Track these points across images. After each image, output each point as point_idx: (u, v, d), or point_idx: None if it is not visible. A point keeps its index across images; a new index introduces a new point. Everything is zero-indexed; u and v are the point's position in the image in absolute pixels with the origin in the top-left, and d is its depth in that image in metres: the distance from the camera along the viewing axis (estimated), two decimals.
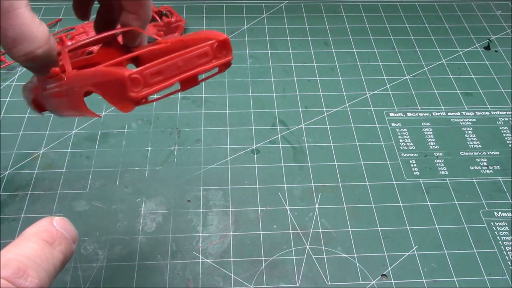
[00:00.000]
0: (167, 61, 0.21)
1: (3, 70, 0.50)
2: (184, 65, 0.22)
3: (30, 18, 0.21)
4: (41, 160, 0.43)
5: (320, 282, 0.36)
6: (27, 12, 0.21)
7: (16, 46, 0.21)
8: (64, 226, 0.21)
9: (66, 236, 0.21)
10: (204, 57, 0.22)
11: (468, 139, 0.46)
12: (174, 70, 0.22)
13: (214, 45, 0.23)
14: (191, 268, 0.37)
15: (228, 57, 0.23)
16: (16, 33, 0.21)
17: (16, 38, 0.21)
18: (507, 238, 0.39)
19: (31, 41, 0.21)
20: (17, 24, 0.21)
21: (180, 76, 0.22)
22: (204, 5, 0.59)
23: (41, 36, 0.22)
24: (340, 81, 0.51)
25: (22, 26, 0.21)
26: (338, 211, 0.40)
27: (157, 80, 0.21)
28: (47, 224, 0.21)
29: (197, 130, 0.46)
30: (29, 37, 0.21)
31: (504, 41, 0.57)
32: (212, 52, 0.23)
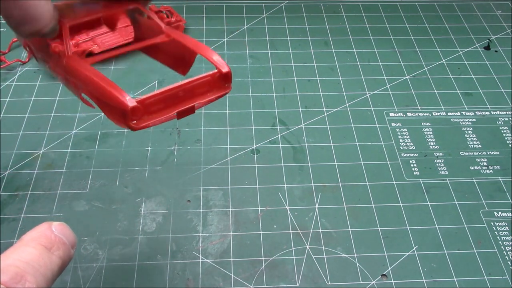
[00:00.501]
0: (168, 91, 0.22)
1: (3, 70, 0.50)
2: (184, 95, 0.22)
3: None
4: (41, 160, 0.43)
5: (320, 282, 0.36)
6: None
7: (22, 25, 0.21)
8: (62, 231, 0.21)
9: (65, 241, 0.21)
10: (203, 87, 0.23)
11: (468, 139, 0.46)
12: (174, 100, 0.22)
13: (215, 75, 0.23)
14: (191, 268, 0.37)
15: (227, 90, 0.23)
16: (22, 13, 0.20)
17: (22, 18, 0.21)
18: (507, 238, 0.39)
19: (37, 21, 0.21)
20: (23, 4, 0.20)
21: (178, 106, 0.22)
22: (204, 5, 0.59)
23: (46, 14, 0.21)
24: (340, 81, 0.51)
25: (28, 7, 0.20)
26: (338, 211, 0.40)
27: (156, 108, 0.22)
28: (45, 229, 0.21)
29: (197, 130, 0.46)
30: (34, 17, 0.21)
31: (504, 41, 0.57)
32: (212, 82, 0.23)
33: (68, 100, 0.48)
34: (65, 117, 0.46)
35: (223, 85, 0.23)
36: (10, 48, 0.52)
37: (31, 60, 0.51)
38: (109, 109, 0.22)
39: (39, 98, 0.48)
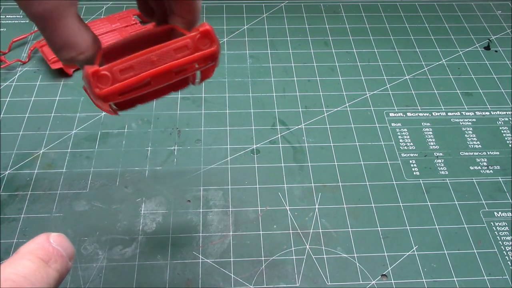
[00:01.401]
0: (140, 55, 0.20)
1: (3, 70, 0.50)
2: (158, 60, 0.20)
3: (75, 27, 0.22)
4: (41, 160, 0.43)
5: (320, 282, 0.36)
6: (73, 22, 0.22)
7: (61, 51, 0.22)
8: (61, 243, 0.21)
9: (63, 254, 0.21)
10: (183, 51, 0.21)
11: (468, 139, 0.46)
12: (146, 65, 0.20)
13: (196, 37, 0.21)
14: (191, 268, 0.37)
15: (211, 48, 0.21)
16: (61, 41, 0.22)
17: (62, 45, 0.22)
18: (507, 238, 0.39)
19: (74, 49, 0.22)
20: (64, 34, 0.22)
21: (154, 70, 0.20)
22: (204, 5, 0.59)
23: (83, 44, 0.22)
24: (340, 81, 0.51)
25: (68, 36, 0.22)
26: (338, 211, 0.40)
27: (127, 75, 0.20)
28: (43, 241, 0.20)
29: (197, 130, 0.46)
30: (72, 45, 0.22)
31: (504, 41, 0.57)
32: (193, 44, 0.21)
33: (68, 100, 0.48)
34: (65, 117, 0.46)
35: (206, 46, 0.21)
36: (10, 48, 0.52)
37: (31, 60, 0.51)
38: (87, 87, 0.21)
39: (39, 98, 0.48)
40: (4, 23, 0.55)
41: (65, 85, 0.49)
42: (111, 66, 0.20)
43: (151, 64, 0.20)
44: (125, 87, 0.20)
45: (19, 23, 0.55)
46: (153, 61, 0.20)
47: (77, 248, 0.37)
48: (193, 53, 0.21)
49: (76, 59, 0.23)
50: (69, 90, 0.49)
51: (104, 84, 0.20)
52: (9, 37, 0.52)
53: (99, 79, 0.20)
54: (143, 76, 0.20)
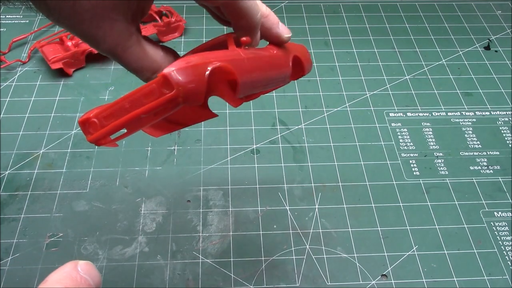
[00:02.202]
0: (117, 103, 0.21)
1: (3, 70, 0.50)
2: (130, 107, 0.21)
3: (141, 53, 0.24)
4: (41, 160, 0.43)
5: (320, 282, 0.36)
6: (137, 49, 0.24)
7: (137, 74, 0.25)
8: (88, 272, 0.21)
9: (90, 283, 0.21)
10: (150, 96, 0.21)
11: (468, 139, 0.46)
12: (121, 112, 0.21)
13: (160, 82, 0.21)
14: (191, 268, 0.37)
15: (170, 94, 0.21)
16: (133, 67, 0.25)
17: (135, 70, 0.25)
18: (507, 238, 0.39)
19: (146, 71, 0.25)
20: (132, 60, 0.24)
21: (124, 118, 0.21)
22: None
23: (153, 66, 0.25)
24: (340, 81, 0.51)
25: (136, 62, 0.24)
26: (338, 211, 0.40)
27: (110, 122, 0.21)
28: (71, 270, 0.20)
29: (197, 130, 0.46)
30: (143, 69, 0.25)
31: (504, 41, 0.57)
32: (158, 89, 0.21)
33: (68, 100, 0.48)
34: (65, 117, 0.46)
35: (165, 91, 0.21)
36: (10, 48, 0.52)
37: (31, 60, 0.51)
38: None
39: (39, 98, 0.48)
40: (4, 23, 0.55)
41: (65, 85, 0.49)
42: (98, 114, 0.22)
43: (125, 111, 0.21)
44: (107, 132, 0.21)
45: (19, 23, 0.55)
46: (126, 108, 0.21)
47: (77, 248, 0.37)
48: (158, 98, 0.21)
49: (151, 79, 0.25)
50: (69, 90, 0.49)
51: (94, 130, 0.22)
52: (9, 37, 0.52)
53: (90, 125, 0.22)
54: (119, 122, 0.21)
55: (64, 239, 0.38)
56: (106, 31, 0.23)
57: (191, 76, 0.21)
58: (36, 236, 0.38)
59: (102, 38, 0.23)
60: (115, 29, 0.23)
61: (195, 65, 0.21)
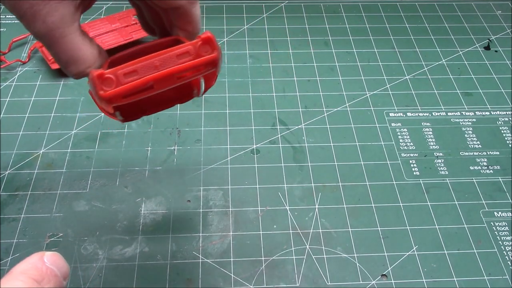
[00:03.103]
0: (143, 60, 0.21)
1: (3, 70, 0.50)
2: (161, 65, 0.21)
3: (80, 42, 0.23)
4: (41, 160, 0.43)
5: (320, 282, 0.36)
6: (77, 37, 0.23)
7: (68, 67, 0.23)
8: (55, 262, 0.21)
9: (56, 273, 0.20)
10: (185, 57, 0.22)
11: (468, 139, 0.46)
12: (149, 69, 0.21)
13: (197, 44, 0.22)
14: (191, 268, 0.37)
15: (212, 54, 0.22)
16: (67, 57, 0.23)
17: (68, 61, 0.23)
18: (507, 238, 0.39)
19: (81, 64, 0.23)
20: (68, 49, 0.22)
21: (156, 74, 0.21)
22: (204, 5, 0.59)
23: (89, 57, 0.23)
24: (340, 81, 0.51)
25: (73, 51, 0.23)
26: (338, 211, 0.40)
27: (131, 79, 0.21)
28: (36, 261, 0.20)
29: (197, 130, 0.46)
30: (78, 60, 0.23)
31: (504, 41, 0.57)
32: (195, 51, 0.22)
33: (68, 100, 0.48)
34: (65, 117, 0.46)
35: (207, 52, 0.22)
36: (10, 48, 0.52)
37: (31, 60, 0.51)
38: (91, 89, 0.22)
39: (39, 98, 0.48)
40: (4, 23, 0.55)
41: (65, 85, 0.49)
42: (115, 70, 0.21)
43: (154, 68, 0.21)
44: (128, 89, 0.21)
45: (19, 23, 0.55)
46: (156, 65, 0.21)
47: (77, 248, 0.37)
48: (195, 59, 0.21)
49: (85, 72, 0.24)
50: (69, 90, 0.49)
51: (109, 86, 0.21)
52: (9, 37, 0.52)
53: (103, 81, 0.21)
54: (146, 79, 0.21)
55: (64, 239, 0.38)
56: (50, 10, 0.21)
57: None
58: (36, 236, 0.38)
59: (43, 16, 0.21)
60: (60, 11, 0.21)
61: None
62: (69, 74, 0.24)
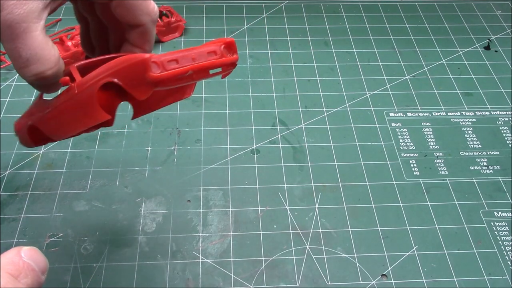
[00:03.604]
0: (182, 52, 0.24)
1: (3, 70, 0.50)
2: (197, 58, 0.24)
3: (44, 41, 0.22)
4: (41, 160, 0.43)
5: (320, 282, 0.36)
6: (41, 35, 0.22)
7: (28, 66, 0.23)
8: (32, 256, 0.20)
9: (34, 268, 0.20)
10: (213, 55, 0.25)
11: (468, 139, 0.46)
12: (188, 60, 0.24)
13: (221, 46, 0.25)
14: (191, 268, 0.37)
15: (234, 57, 0.26)
16: (30, 54, 0.22)
17: (29, 59, 0.22)
18: (507, 238, 0.39)
19: (43, 63, 0.23)
20: (32, 45, 0.22)
21: (194, 65, 0.24)
22: (204, 5, 0.59)
23: (52, 58, 0.23)
24: (340, 81, 0.51)
25: (36, 48, 0.22)
26: (338, 211, 0.40)
27: (173, 66, 0.23)
28: (13, 256, 0.20)
29: (197, 130, 0.46)
30: (41, 59, 0.23)
31: (504, 41, 0.57)
32: (220, 51, 0.25)
33: None
34: None
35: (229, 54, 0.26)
36: None
37: None
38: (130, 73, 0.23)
39: None
40: None
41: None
42: (160, 56, 0.23)
43: (192, 60, 0.24)
44: (174, 74, 0.23)
45: None
46: (193, 57, 0.24)
47: (77, 248, 0.37)
48: (221, 58, 0.25)
49: (44, 74, 0.23)
50: None
51: (155, 70, 0.23)
52: None
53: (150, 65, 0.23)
54: (187, 68, 0.24)
55: (64, 239, 0.38)
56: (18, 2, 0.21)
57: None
58: (36, 236, 0.38)
59: (10, 7, 0.21)
60: (29, 5, 0.21)
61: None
62: (25, 74, 0.23)
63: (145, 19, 0.26)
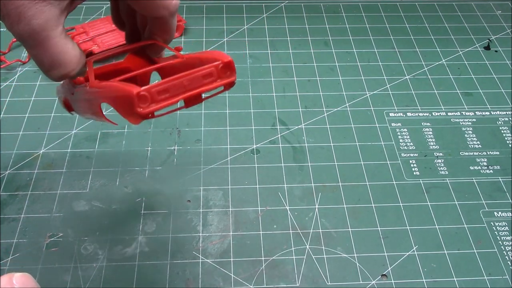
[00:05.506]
0: (174, 80, 0.23)
1: (3, 70, 0.50)
2: (189, 84, 0.24)
3: (63, 45, 0.23)
4: (41, 160, 0.43)
5: (320, 282, 0.36)
6: (61, 41, 0.23)
7: (51, 70, 0.23)
8: (24, 283, 0.20)
9: None
10: (208, 77, 0.24)
11: (468, 139, 0.46)
12: (179, 88, 0.23)
13: (219, 66, 0.25)
14: (191, 268, 0.37)
15: (231, 78, 0.25)
16: (51, 60, 0.23)
17: (51, 65, 0.23)
18: (507, 238, 0.39)
19: (65, 66, 0.23)
20: (53, 52, 0.22)
21: (185, 94, 0.24)
22: (204, 5, 0.59)
23: (74, 60, 0.24)
24: (340, 81, 0.51)
25: (57, 55, 0.23)
26: (338, 211, 0.40)
27: (163, 97, 0.23)
28: (5, 283, 0.20)
29: (197, 130, 0.46)
30: (63, 63, 0.23)
31: (504, 41, 0.57)
32: (216, 72, 0.25)
33: None
34: (65, 117, 0.46)
35: (227, 75, 0.25)
36: (10, 48, 0.52)
37: (31, 60, 0.51)
38: (121, 104, 0.23)
39: (39, 98, 0.48)
40: None
41: None
42: (149, 88, 0.23)
43: (183, 88, 0.24)
44: (162, 107, 0.23)
45: None
46: (185, 85, 0.24)
47: (77, 248, 0.37)
48: (217, 80, 0.25)
49: (68, 75, 0.24)
50: None
51: (144, 103, 0.22)
52: (9, 37, 0.52)
53: (140, 99, 0.22)
54: (178, 99, 0.23)
55: (64, 239, 0.38)
56: (36, 12, 0.21)
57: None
58: (36, 236, 0.38)
59: (28, 18, 0.21)
60: (46, 13, 0.21)
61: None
62: (50, 77, 0.24)
63: (162, 12, 0.26)
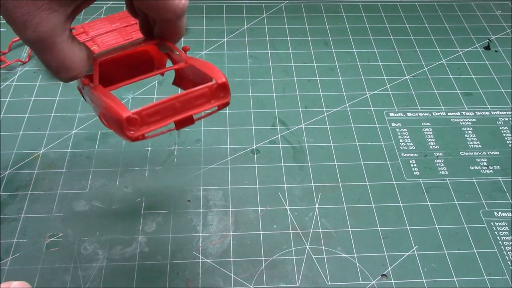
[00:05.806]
0: (165, 102, 0.23)
1: (3, 70, 0.50)
2: (181, 106, 0.23)
3: (70, 50, 0.23)
4: (41, 160, 0.43)
5: (320, 282, 0.36)
6: (68, 46, 0.23)
7: (59, 74, 0.24)
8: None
9: None
10: (201, 98, 0.24)
11: (468, 139, 0.46)
12: (170, 111, 0.23)
13: (213, 87, 0.24)
14: (191, 268, 0.37)
15: (225, 99, 0.25)
16: (58, 65, 0.23)
17: (59, 69, 0.24)
18: (507, 238, 0.39)
19: (73, 70, 0.24)
20: (60, 57, 0.23)
21: (176, 117, 0.23)
22: (204, 5, 0.59)
23: (81, 63, 0.24)
24: (340, 81, 0.51)
25: (64, 60, 0.23)
26: (338, 211, 0.40)
27: (154, 119, 0.23)
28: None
29: (197, 130, 0.46)
30: (70, 67, 0.24)
31: (504, 41, 0.57)
32: (210, 93, 0.24)
33: (68, 100, 0.48)
34: (65, 117, 0.46)
35: (221, 96, 0.25)
36: (10, 48, 0.52)
37: (31, 60, 0.51)
38: (114, 123, 0.24)
39: (39, 98, 0.48)
40: (4, 23, 0.55)
41: (65, 85, 0.49)
42: (140, 111, 0.23)
43: (174, 110, 0.23)
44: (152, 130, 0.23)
45: None
46: (176, 107, 0.23)
47: (77, 248, 0.37)
48: (210, 101, 0.24)
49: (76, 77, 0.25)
50: (69, 90, 0.49)
51: (134, 126, 0.22)
52: (9, 37, 0.52)
53: (130, 122, 0.22)
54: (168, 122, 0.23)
55: (64, 239, 0.38)
56: (41, 20, 0.21)
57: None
58: (36, 236, 0.38)
59: (34, 25, 0.21)
60: (52, 21, 0.22)
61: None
62: (60, 79, 0.25)
63: (169, 16, 0.26)
